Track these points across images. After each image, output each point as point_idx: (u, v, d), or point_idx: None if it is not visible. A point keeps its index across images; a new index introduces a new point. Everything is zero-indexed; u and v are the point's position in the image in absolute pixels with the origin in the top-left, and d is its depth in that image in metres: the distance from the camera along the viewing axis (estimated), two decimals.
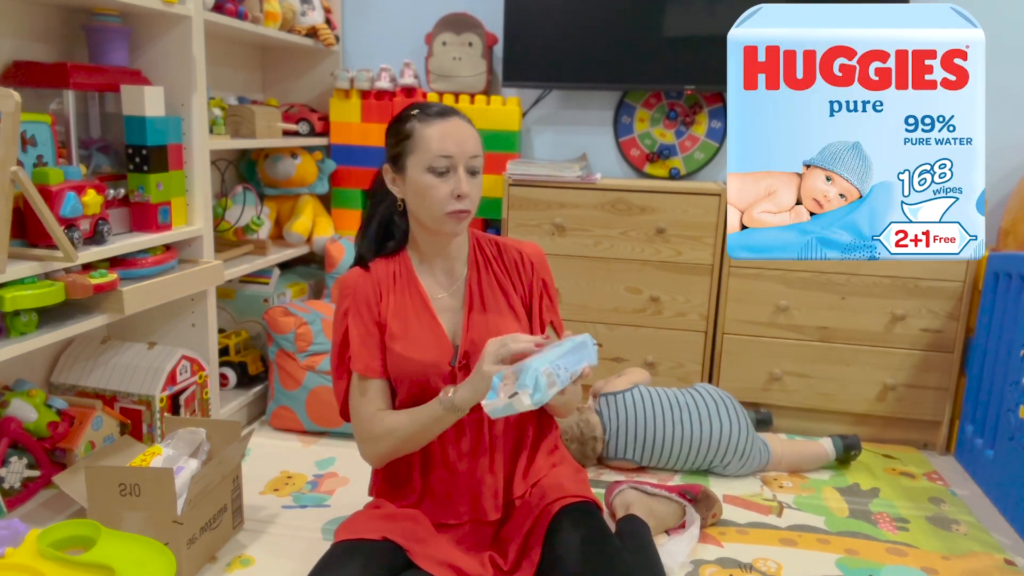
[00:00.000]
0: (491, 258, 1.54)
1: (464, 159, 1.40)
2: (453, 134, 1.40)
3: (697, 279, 2.41)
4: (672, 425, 2.09)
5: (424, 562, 1.38)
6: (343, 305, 1.49)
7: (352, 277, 1.51)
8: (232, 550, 1.71)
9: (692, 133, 2.70)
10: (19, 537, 1.42)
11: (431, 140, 1.39)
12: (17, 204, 1.56)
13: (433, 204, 1.41)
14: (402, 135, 1.43)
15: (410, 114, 1.44)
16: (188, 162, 2.01)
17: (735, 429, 2.09)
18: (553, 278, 1.59)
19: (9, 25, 1.77)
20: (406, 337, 1.45)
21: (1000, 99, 2.51)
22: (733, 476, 2.12)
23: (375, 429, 1.45)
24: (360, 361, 1.46)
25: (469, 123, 1.45)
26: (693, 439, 2.08)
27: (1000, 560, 1.77)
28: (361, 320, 1.47)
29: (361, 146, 2.78)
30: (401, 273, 1.50)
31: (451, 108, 1.45)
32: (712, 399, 2.14)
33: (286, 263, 2.80)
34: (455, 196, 1.40)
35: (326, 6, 2.74)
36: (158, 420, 1.89)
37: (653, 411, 2.11)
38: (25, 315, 1.54)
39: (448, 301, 1.50)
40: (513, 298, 1.52)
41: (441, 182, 1.40)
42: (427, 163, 1.39)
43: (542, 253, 1.58)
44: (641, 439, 2.10)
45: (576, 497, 1.44)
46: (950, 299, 2.28)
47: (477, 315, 1.48)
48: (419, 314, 1.47)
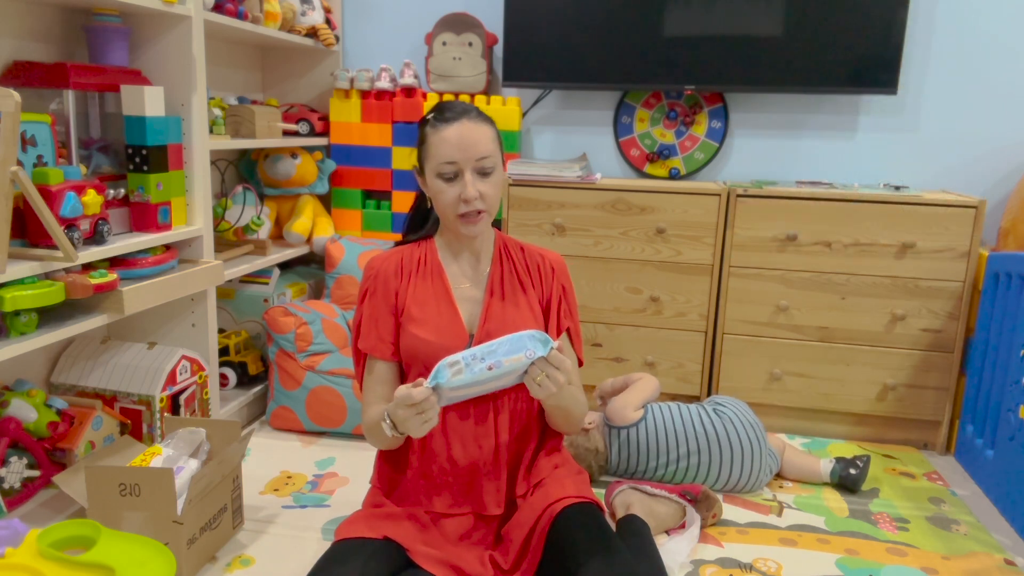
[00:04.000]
0: (515, 260, 1.57)
1: (470, 163, 1.42)
2: (459, 140, 1.41)
3: (697, 279, 2.41)
4: (687, 465, 2.02)
5: (424, 562, 1.38)
6: (364, 286, 1.54)
7: (379, 259, 1.55)
8: (232, 550, 1.71)
9: (692, 133, 2.70)
10: (19, 537, 1.42)
11: (438, 147, 1.42)
12: (17, 204, 1.56)
13: (444, 208, 1.46)
14: (419, 140, 1.49)
15: (426, 119, 1.48)
16: (188, 162, 2.01)
17: (754, 458, 2.01)
18: (574, 288, 1.61)
19: (9, 25, 1.77)
20: (423, 320, 1.48)
21: (1000, 99, 2.52)
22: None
23: (366, 424, 1.49)
24: (367, 340, 1.51)
25: (482, 122, 1.45)
26: (710, 477, 2.02)
27: (1000, 560, 1.77)
28: (376, 302, 1.51)
29: (361, 146, 2.78)
30: (427, 259, 1.54)
31: (465, 109, 1.45)
32: (732, 426, 2.01)
33: (286, 263, 2.80)
34: (462, 200, 1.42)
35: (326, 6, 2.74)
36: (158, 420, 1.89)
37: (667, 448, 2.02)
38: (25, 315, 1.54)
39: (469, 291, 1.53)
40: (532, 297, 1.54)
41: (449, 187, 1.43)
42: (435, 169, 1.44)
43: (564, 262, 1.61)
44: (651, 475, 2.05)
45: (579, 498, 1.44)
46: (950, 299, 2.28)
47: (496, 306, 1.50)
48: (439, 299, 1.50)
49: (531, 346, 1.29)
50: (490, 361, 1.28)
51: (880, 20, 2.39)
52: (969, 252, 2.24)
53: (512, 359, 1.28)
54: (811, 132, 2.65)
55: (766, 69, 2.47)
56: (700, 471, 2.02)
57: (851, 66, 2.44)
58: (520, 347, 1.29)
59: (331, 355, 2.32)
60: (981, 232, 2.24)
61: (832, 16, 2.41)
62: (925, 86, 2.55)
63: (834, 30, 2.42)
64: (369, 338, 1.51)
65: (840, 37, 2.42)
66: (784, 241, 2.33)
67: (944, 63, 2.53)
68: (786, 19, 2.43)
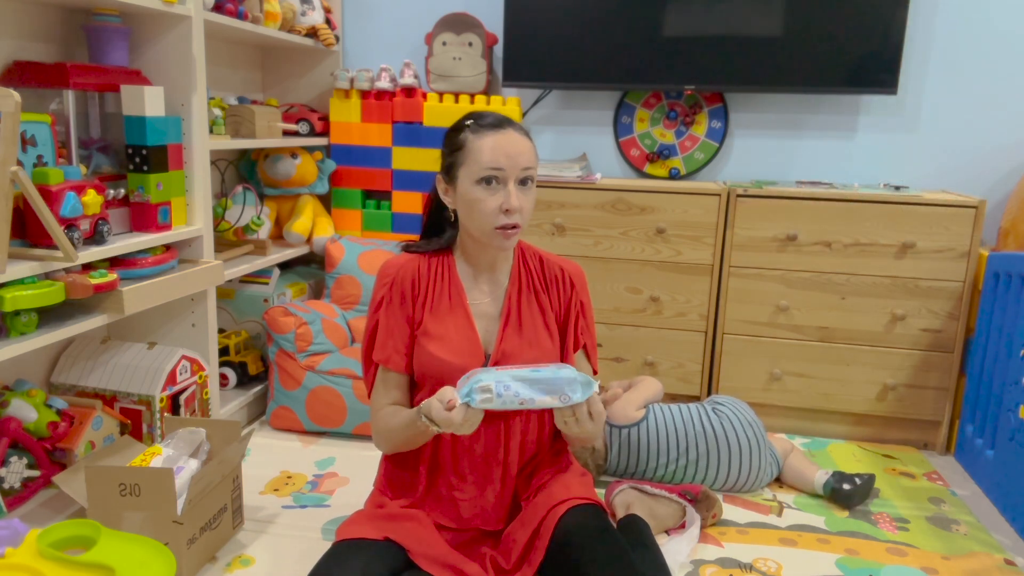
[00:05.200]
0: (533, 272, 1.53)
1: (515, 172, 1.38)
2: (505, 147, 1.37)
3: (697, 279, 2.41)
4: (686, 463, 2.02)
5: (425, 563, 1.38)
6: (379, 294, 1.50)
7: (395, 265, 1.50)
8: (232, 550, 1.70)
9: (692, 133, 2.70)
10: (19, 537, 1.42)
11: (482, 152, 1.37)
12: (17, 204, 1.56)
13: (482, 218, 1.39)
14: (455, 146, 1.42)
15: (464, 124, 1.42)
16: (188, 162, 2.01)
17: (753, 457, 2.01)
18: (591, 301, 1.59)
19: (9, 25, 1.77)
20: (441, 337, 1.45)
21: (1000, 99, 2.52)
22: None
23: (380, 426, 1.47)
24: (383, 352, 1.48)
25: (524, 135, 1.41)
26: (708, 476, 2.02)
27: (1000, 560, 1.77)
28: (393, 312, 1.48)
29: (361, 146, 2.78)
30: (444, 273, 1.50)
31: (506, 119, 1.42)
32: (731, 425, 2.01)
33: (286, 263, 2.80)
34: (503, 210, 1.38)
35: (326, 6, 2.74)
36: (158, 420, 1.89)
37: (667, 448, 2.02)
38: (25, 315, 1.54)
39: (486, 307, 1.50)
40: (549, 315, 1.51)
41: (490, 196, 1.38)
42: (477, 175, 1.37)
43: (583, 275, 1.57)
44: (650, 475, 2.05)
45: (582, 499, 1.44)
46: (950, 299, 2.28)
47: (513, 328, 1.48)
48: (456, 317, 1.47)
49: (569, 391, 1.25)
50: (523, 397, 1.24)
51: (880, 20, 2.39)
52: (969, 252, 2.24)
53: (545, 400, 1.25)
54: (811, 132, 2.65)
55: (766, 69, 2.47)
56: (699, 470, 2.02)
57: (851, 66, 2.44)
58: (558, 389, 1.25)
59: (331, 355, 2.32)
60: (981, 232, 2.24)
61: (832, 16, 2.41)
62: (925, 86, 2.55)
63: (834, 30, 2.42)
64: (385, 349, 1.47)
65: (840, 37, 2.42)
66: (784, 241, 2.33)
67: (944, 63, 2.53)
68: (786, 19, 2.43)
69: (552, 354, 1.49)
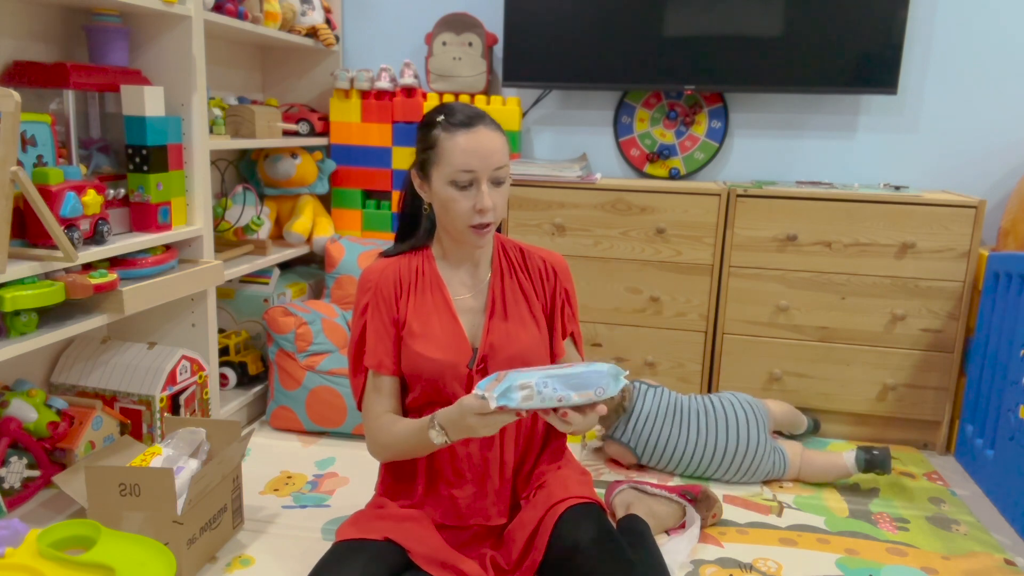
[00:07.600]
0: (515, 263, 1.54)
1: (487, 172, 1.38)
2: (476, 148, 1.36)
3: (697, 279, 2.41)
4: (687, 430, 2.06)
5: (425, 563, 1.38)
6: (363, 299, 1.49)
7: (375, 271, 1.50)
8: (232, 550, 1.71)
9: (692, 133, 2.70)
10: (19, 537, 1.42)
11: (453, 154, 1.36)
12: (17, 204, 1.56)
13: (456, 217, 1.40)
14: (427, 143, 1.41)
15: (435, 120, 1.41)
16: (188, 162, 2.01)
17: (752, 442, 2.05)
18: (575, 290, 1.59)
19: (9, 25, 1.77)
20: (426, 336, 1.45)
21: (1000, 99, 2.52)
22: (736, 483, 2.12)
23: (379, 437, 1.46)
24: (374, 357, 1.47)
25: (496, 129, 1.41)
26: (707, 449, 2.05)
27: (1000, 560, 1.77)
28: (379, 316, 1.47)
29: (361, 146, 2.78)
30: (424, 270, 1.50)
31: (477, 114, 1.40)
32: (735, 409, 2.09)
33: (286, 263, 2.80)
34: (477, 211, 1.38)
35: (326, 6, 2.74)
36: (158, 420, 1.89)
37: (673, 414, 2.08)
38: (25, 315, 1.54)
39: (470, 302, 1.50)
40: (534, 305, 1.52)
41: (463, 196, 1.38)
42: (449, 177, 1.38)
43: (566, 264, 1.57)
44: (657, 456, 2.09)
45: (582, 498, 1.44)
46: (950, 299, 2.28)
47: (498, 320, 1.48)
48: (440, 313, 1.47)
49: (603, 383, 1.24)
50: (561, 394, 1.23)
51: (880, 20, 2.39)
52: (969, 252, 2.24)
53: (582, 395, 1.24)
54: (811, 132, 2.65)
55: (766, 69, 2.47)
56: (699, 444, 2.06)
57: (851, 66, 2.44)
58: (592, 383, 1.25)
59: (331, 355, 2.32)
60: (981, 232, 2.24)
61: (832, 16, 2.41)
62: (925, 86, 2.55)
63: (834, 30, 2.42)
64: (376, 354, 1.47)
65: (840, 37, 2.42)
66: (784, 241, 2.33)
67: (944, 63, 2.53)
68: (786, 19, 2.43)
69: (540, 342, 1.50)
